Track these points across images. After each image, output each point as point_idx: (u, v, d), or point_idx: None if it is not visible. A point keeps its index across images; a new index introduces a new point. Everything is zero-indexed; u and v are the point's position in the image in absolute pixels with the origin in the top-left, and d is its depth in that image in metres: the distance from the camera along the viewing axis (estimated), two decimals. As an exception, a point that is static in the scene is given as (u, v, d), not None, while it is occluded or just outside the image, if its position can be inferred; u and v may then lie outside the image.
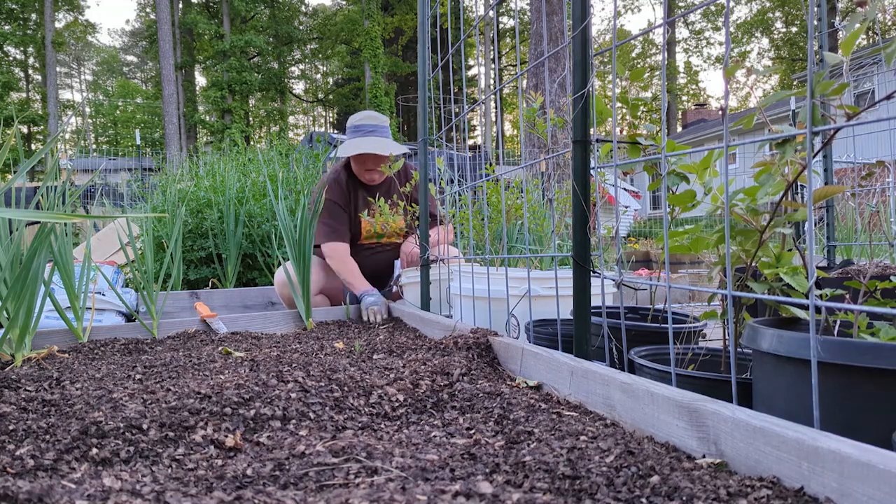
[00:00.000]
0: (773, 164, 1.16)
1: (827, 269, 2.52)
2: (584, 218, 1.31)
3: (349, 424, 0.96)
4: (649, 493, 0.66)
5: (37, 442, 0.84)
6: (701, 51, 37.90)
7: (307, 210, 2.20)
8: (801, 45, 30.08)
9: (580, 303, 1.31)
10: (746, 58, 29.86)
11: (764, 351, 1.01)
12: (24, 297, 1.52)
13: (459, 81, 7.39)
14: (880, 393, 0.87)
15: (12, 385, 1.22)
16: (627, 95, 1.57)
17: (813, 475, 0.65)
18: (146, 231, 3.00)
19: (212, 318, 2.06)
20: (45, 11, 26.42)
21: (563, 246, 4.10)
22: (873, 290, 1.26)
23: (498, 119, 2.11)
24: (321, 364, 1.31)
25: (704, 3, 1.04)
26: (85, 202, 8.31)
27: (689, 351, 1.56)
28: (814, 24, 0.84)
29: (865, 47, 7.07)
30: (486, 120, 31.44)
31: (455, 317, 2.24)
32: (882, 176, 4.14)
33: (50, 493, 0.59)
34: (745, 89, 32.31)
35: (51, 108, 26.14)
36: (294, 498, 0.62)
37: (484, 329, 1.54)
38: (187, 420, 0.91)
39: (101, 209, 5.29)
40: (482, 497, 0.61)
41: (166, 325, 2.00)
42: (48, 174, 1.76)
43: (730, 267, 1.00)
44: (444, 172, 4.00)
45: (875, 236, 4.05)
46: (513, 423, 0.94)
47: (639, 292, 3.25)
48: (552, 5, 8.67)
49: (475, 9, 2.03)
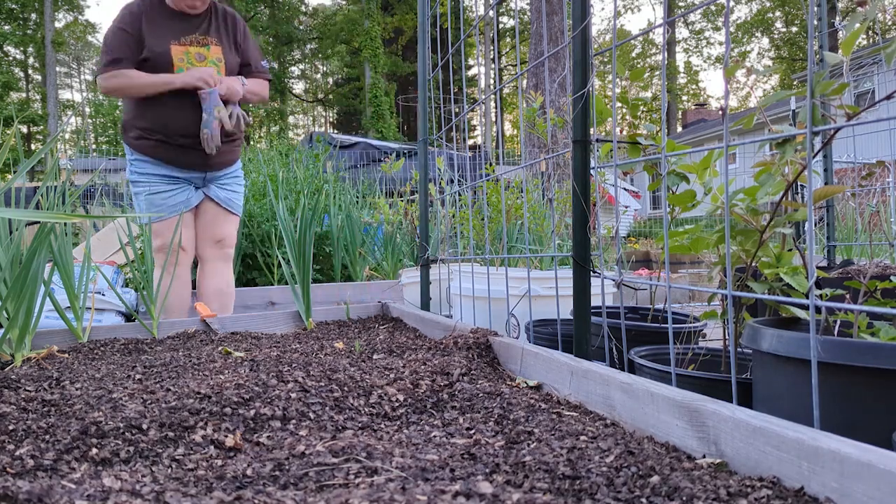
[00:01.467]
0: (773, 164, 1.16)
1: (827, 269, 2.52)
2: (584, 218, 1.31)
3: (349, 424, 0.96)
4: (649, 493, 0.66)
5: (37, 442, 0.84)
6: (701, 51, 37.92)
7: (307, 209, 2.21)
8: (801, 45, 30.09)
9: (580, 303, 1.31)
10: (746, 58, 29.86)
11: (764, 351, 1.01)
12: (24, 297, 1.52)
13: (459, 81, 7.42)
14: (880, 393, 0.87)
15: (12, 385, 1.22)
16: (627, 95, 1.57)
17: (813, 475, 0.65)
18: (146, 231, 3.00)
19: (212, 318, 2.06)
20: (45, 11, 26.43)
21: (563, 246, 4.10)
22: (873, 290, 1.26)
23: (498, 119, 2.11)
24: (321, 364, 1.31)
25: (704, 3, 1.04)
26: (85, 202, 8.31)
27: (689, 351, 1.56)
28: (814, 24, 0.84)
29: (865, 47, 7.07)
30: (486, 120, 31.44)
31: (455, 317, 2.24)
32: (882, 176, 4.14)
33: (50, 493, 0.59)
34: (745, 89, 32.33)
35: (51, 108, 26.15)
36: (294, 498, 0.62)
37: (484, 329, 1.53)
38: (187, 420, 0.91)
39: (101, 209, 5.29)
40: (482, 497, 0.61)
41: (166, 325, 2.00)
42: (48, 174, 1.76)
43: (730, 267, 1.00)
44: (444, 172, 4.00)
45: (875, 236, 4.05)
46: (513, 423, 0.94)
47: (639, 292, 3.25)
48: (552, 5, 8.67)
49: (475, 9, 2.03)
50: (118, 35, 2.42)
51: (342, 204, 3.57)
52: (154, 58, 2.44)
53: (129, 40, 2.42)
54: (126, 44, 2.42)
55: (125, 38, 2.42)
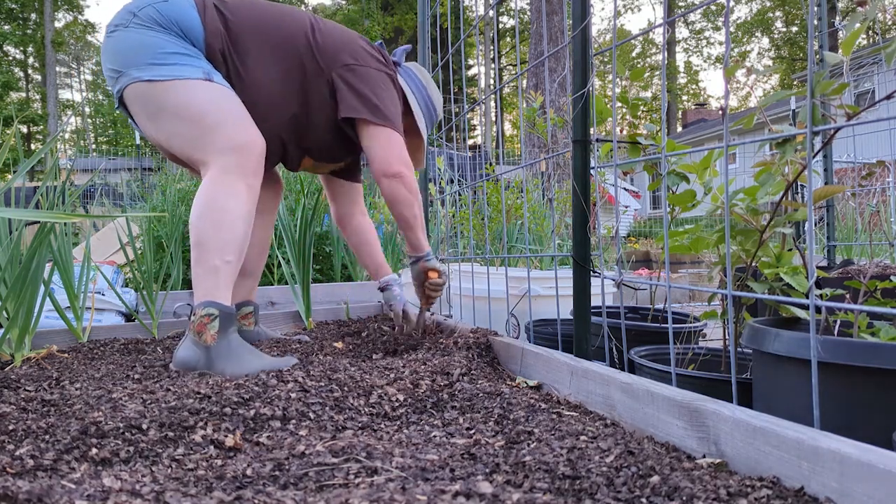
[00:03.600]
0: (773, 164, 1.16)
1: (827, 269, 2.52)
2: (584, 218, 1.31)
3: (349, 424, 0.96)
4: (649, 493, 0.66)
5: (36, 442, 0.84)
6: (701, 51, 37.92)
7: (307, 209, 2.20)
8: (801, 44, 30.09)
9: (580, 303, 1.31)
10: (746, 58, 29.87)
11: (764, 351, 1.01)
12: (24, 297, 1.52)
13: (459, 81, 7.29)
14: (880, 393, 0.87)
15: (12, 385, 1.22)
16: (627, 95, 1.57)
17: (813, 475, 0.65)
18: (146, 231, 3.00)
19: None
20: (45, 11, 26.43)
21: (563, 246, 4.10)
22: (873, 289, 1.26)
23: (498, 119, 2.11)
24: (321, 364, 1.31)
25: (704, 3, 1.04)
26: (85, 202, 8.31)
27: (689, 351, 1.56)
28: (814, 24, 0.84)
29: (865, 47, 7.07)
30: (486, 120, 31.45)
31: (455, 316, 2.25)
32: (882, 176, 4.14)
33: (50, 493, 0.59)
34: (745, 89, 32.34)
35: (50, 107, 26.15)
36: (294, 498, 0.62)
37: (484, 329, 1.53)
38: (187, 420, 0.91)
39: (101, 209, 5.29)
40: (482, 497, 0.61)
41: (166, 325, 2.00)
42: (48, 174, 1.76)
43: (730, 267, 1.00)
44: (444, 172, 4.00)
45: (875, 236, 4.05)
46: (513, 423, 0.94)
47: (639, 292, 3.25)
48: (552, 5, 8.67)
49: (475, 9, 2.04)
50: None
51: (342, 204, 3.58)
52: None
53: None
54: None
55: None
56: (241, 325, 1.80)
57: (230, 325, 1.35)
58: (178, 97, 1.38)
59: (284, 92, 1.54)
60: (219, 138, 1.39)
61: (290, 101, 1.56)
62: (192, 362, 1.30)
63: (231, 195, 1.38)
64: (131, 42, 1.39)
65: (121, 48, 1.40)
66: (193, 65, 1.40)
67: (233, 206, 1.37)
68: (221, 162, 1.38)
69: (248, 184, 1.41)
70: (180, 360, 1.32)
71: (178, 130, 1.41)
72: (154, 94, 1.38)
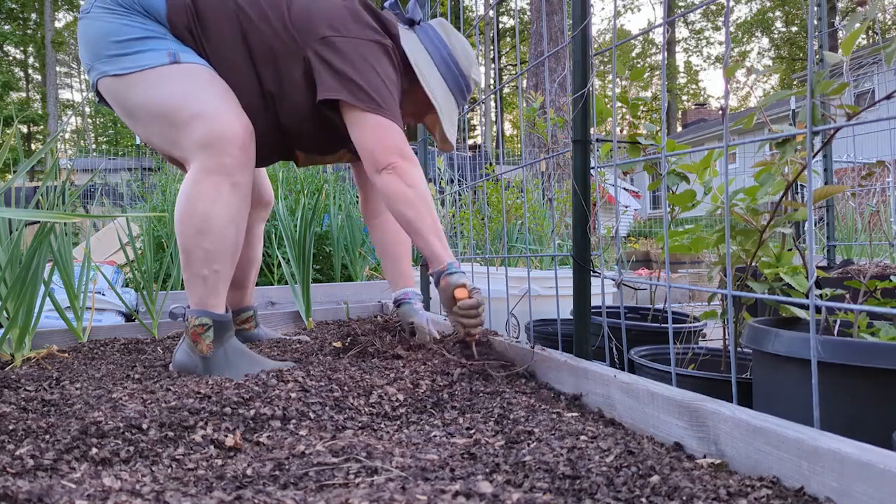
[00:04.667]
0: (773, 164, 1.16)
1: (827, 269, 2.52)
2: (584, 218, 1.31)
3: (349, 424, 0.96)
4: (649, 492, 0.66)
5: (37, 442, 0.84)
6: (701, 51, 37.91)
7: (307, 209, 2.20)
8: (801, 44, 30.08)
9: (580, 302, 1.31)
10: (746, 57, 29.88)
11: (764, 351, 1.01)
12: (24, 296, 1.52)
13: (459, 81, 7.18)
14: (880, 392, 0.87)
15: (12, 385, 1.22)
16: (627, 95, 1.57)
17: (813, 475, 0.65)
18: (146, 231, 3.00)
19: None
20: (45, 11, 26.42)
21: (563, 246, 4.10)
22: (873, 289, 1.26)
23: (498, 119, 2.11)
24: (321, 363, 1.31)
25: (704, 3, 1.04)
26: (85, 202, 8.31)
27: (689, 351, 1.56)
28: (814, 24, 0.84)
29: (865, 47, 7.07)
30: (486, 120, 31.44)
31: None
32: (882, 176, 4.14)
33: (50, 493, 0.59)
34: (745, 89, 32.33)
35: (50, 107, 26.14)
36: (294, 498, 0.62)
37: (484, 329, 1.53)
38: (187, 420, 0.91)
39: (101, 209, 5.30)
40: (482, 497, 0.61)
41: (166, 325, 2.00)
42: (48, 174, 1.76)
43: (730, 267, 1.00)
44: (444, 172, 4.00)
45: (875, 236, 4.05)
46: (513, 423, 0.94)
47: (639, 292, 3.25)
48: (552, 5, 8.67)
49: (475, 9, 2.04)
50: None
51: (342, 204, 3.56)
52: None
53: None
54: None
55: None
56: (241, 329, 1.79)
57: (225, 333, 1.31)
58: (146, 91, 1.26)
59: (253, 73, 1.36)
60: (194, 133, 1.25)
61: (259, 85, 1.37)
62: (189, 368, 1.30)
63: (214, 200, 1.25)
64: (95, 30, 1.29)
65: (85, 38, 1.31)
66: (157, 48, 1.27)
67: (217, 213, 1.26)
68: (201, 159, 1.26)
69: (234, 182, 1.27)
70: (179, 363, 1.32)
71: (152, 128, 1.30)
72: (122, 89, 1.28)
